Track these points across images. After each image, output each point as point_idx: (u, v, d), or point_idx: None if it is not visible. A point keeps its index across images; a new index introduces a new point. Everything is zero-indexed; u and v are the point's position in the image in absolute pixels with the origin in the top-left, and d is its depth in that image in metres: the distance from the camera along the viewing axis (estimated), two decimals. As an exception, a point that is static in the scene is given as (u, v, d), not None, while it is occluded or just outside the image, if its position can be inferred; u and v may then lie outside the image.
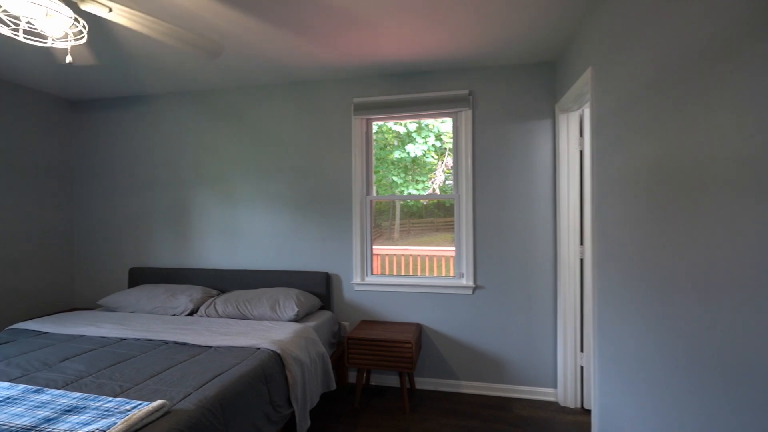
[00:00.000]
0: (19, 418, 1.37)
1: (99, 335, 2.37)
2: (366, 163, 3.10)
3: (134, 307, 2.91)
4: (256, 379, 1.85)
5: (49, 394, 1.54)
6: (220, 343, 2.18)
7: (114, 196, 3.55)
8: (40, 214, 3.35)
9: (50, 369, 1.88)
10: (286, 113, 3.19)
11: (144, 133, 3.48)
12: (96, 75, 2.98)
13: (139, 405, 1.43)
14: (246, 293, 2.88)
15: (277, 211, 3.20)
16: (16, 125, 3.18)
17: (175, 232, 3.41)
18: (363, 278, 3.07)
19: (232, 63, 2.75)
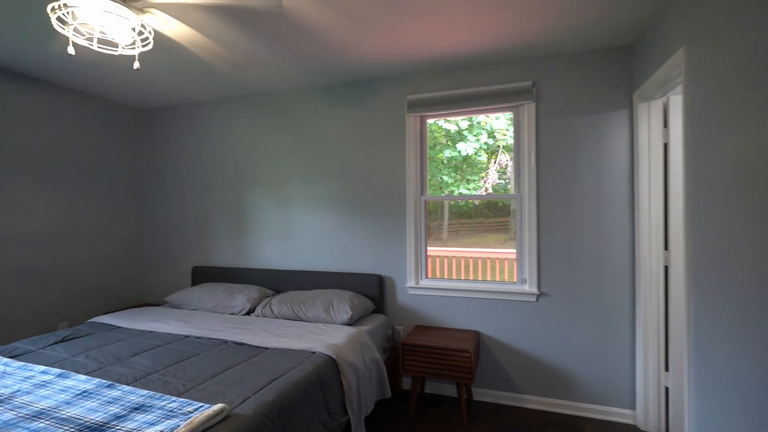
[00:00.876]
0: (93, 413, 1.42)
1: (165, 332, 2.47)
2: (420, 163, 2.99)
3: (196, 304, 3.02)
4: (312, 384, 1.81)
5: (120, 390, 1.59)
6: (276, 345, 2.18)
7: (178, 198, 3.74)
8: (114, 216, 3.60)
9: (122, 363, 1.97)
10: (338, 113, 3.16)
11: (204, 137, 3.63)
12: (160, 84, 3.13)
13: (200, 407, 1.43)
14: (300, 294, 2.88)
15: (330, 212, 3.19)
16: (93, 133, 3.44)
17: (234, 232, 3.52)
18: (417, 282, 2.96)
19: (284, 66, 2.76)
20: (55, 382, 1.68)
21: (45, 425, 1.33)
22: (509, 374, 2.75)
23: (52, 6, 1.36)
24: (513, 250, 3.22)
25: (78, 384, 1.65)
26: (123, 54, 1.61)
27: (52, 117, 3.12)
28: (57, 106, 3.15)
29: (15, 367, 1.84)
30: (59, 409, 1.44)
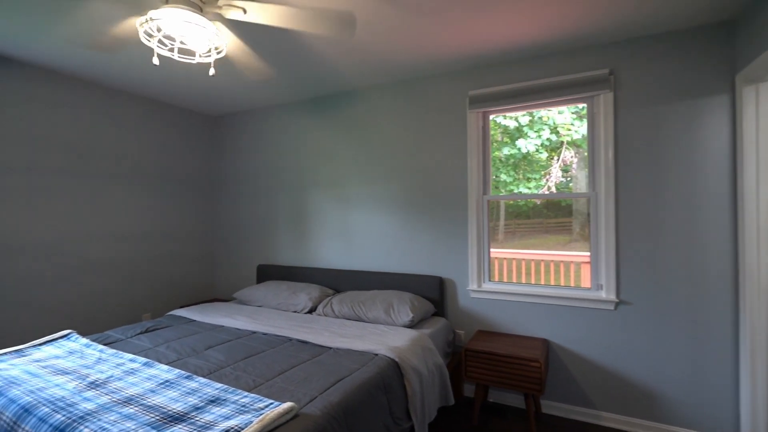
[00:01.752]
0: (175, 402, 1.50)
1: (235, 327, 2.59)
2: (483, 161, 2.87)
3: (262, 301, 3.15)
4: (375, 387, 1.78)
5: (198, 382, 1.67)
6: (338, 345, 2.19)
7: (246, 200, 3.93)
8: (188, 217, 3.88)
9: (198, 356, 2.09)
10: (397, 113, 3.13)
11: (270, 141, 3.78)
12: (230, 91, 3.31)
13: (270, 404, 1.46)
14: (360, 294, 2.88)
15: (389, 213, 3.16)
16: (171, 140, 3.72)
17: (296, 232, 3.63)
18: (480, 284, 2.83)
19: (344, 66, 2.78)
20: (141, 370, 1.81)
21: (134, 411, 1.43)
22: (583, 387, 2.54)
23: (140, 21, 1.46)
24: (576, 253, 2.99)
25: (161, 373, 1.77)
26: (200, 62, 1.69)
27: (136, 126, 3.42)
28: (140, 115, 3.45)
29: (108, 354, 2.02)
30: (145, 397, 1.54)
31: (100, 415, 1.40)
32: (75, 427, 1.33)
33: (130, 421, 1.36)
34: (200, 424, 1.34)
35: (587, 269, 2.98)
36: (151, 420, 1.36)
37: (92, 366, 1.87)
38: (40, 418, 1.41)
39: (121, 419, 1.37)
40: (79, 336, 2.30)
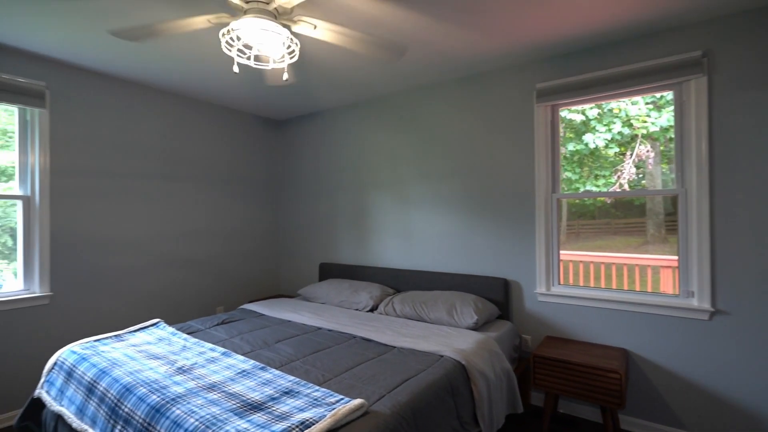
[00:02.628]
0: (252, 391, 1.58)
1: (301, 322, 2.69)
2: (551, 158, 2.71)
3: (325, 299, 3.24)
4: (443, 390, 1.74)
5: (271, 373, 1.75)
6: (402, 344, 2.18)
7: (308, 200, 4.07)
8: (255, 216, 4.10)
9: (269, 348, 2.19)
10: (458, 110, 3.06)
11: (330, 143, 3.88)
12: (293, 96, 3.44)
13: (341, 400, 1.48)
14: (421, 294, 2.86)
15: (450, 212, 3.10)
16: (240, 144, 3.96)
17: (357, 231, 3.69)
18: (548, 288, 2.68)
19: (406, 64, 2.77)
20: (221, 359, 1.94)
21: (218, 397, 1.53)
22: (669, 404, 2.30)
23: (222, 32, 1.56)
24: (653, 256, 2.72)
25: (238, 363, 1.88)
26: (274, 67, 1.78)
27: (211, 132, 3.68)
28: (214, 122, 3.71)
29: (191, 343, 2.19)
30: (226, 384, 1.65)
31: (189, 399, 1.51)
32: (168, 407, 1.45)
33: (215, 406, 1.45)
34: (277, 414, 1.40)
35: (668, 274, 2.71)
36: (233, 407, 1.45)
37: (179, 353, 2.04)
38: (139, 398, 1.56)
39: (207, 404, 1.47)
40: (166, 325, 2.52)
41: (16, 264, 2.64)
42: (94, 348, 2.08)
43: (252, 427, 1.30)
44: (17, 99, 2.52)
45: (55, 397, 1.90)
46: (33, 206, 2.64)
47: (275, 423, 1.33)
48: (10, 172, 2.61)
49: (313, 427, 1.29)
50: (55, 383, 1.96)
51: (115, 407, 1.59)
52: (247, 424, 1.33)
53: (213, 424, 1.33)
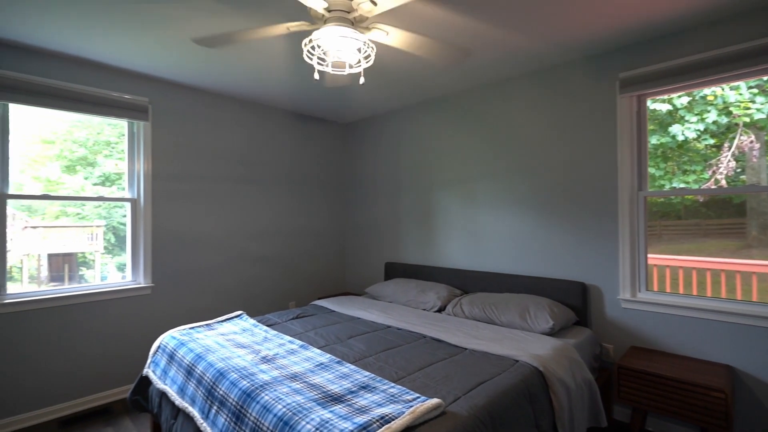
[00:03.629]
0: (331, 384, 1.65)
1: (370, 320, 2.75)
2: (638, 152, 2.50)
3: (391, 298, 3.28)
4: (520, 395, 1.68)
5: (347, 368, 1.82)
6: (474, 346, 2.14)
7: (374, 201, 4.16)
8: (325, 217, 4.28)
9: (342, 343, 2.27)
10: (529, 106, 2.93)
11: (394, 143, 3.93)
12: (359, 99, 3.53)
13: (418, 398, 1.50)
14: (491, 296, 2.79)
15: (521, 211, 2.98)
16: (310, 147, 4.15)
17: (422, 232, 3.69)
18: (634, 294, 2.47)
19: (472, 63, 2.72)
20: (299, 351, 2.05)
21: (300, 387, 1.62)
22: (788, 433, 2.00)
23: (304, 42, 1.66)
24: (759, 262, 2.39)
25: (315, 356, 1.97)
26: (350, 72, 1.85)
27: (283, 137, 3.91)
28: (286, 127, 3.93)
29: (272, 335, 2.34)
30: (307, 375, 1.74)
31: (275, 386, 1.62)
32: (258, 393, 1.57)
33: (299, 395, 1.54)
34: (357, 407, 1.45)
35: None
36: (315, 397, 1.53)
37: (261, 343, 2.19)
38: (232, 382, 1.70)
39: (291, 392, 1.56)
40: (248, 317, 2.72)
41: (118, 258, 3.02)
42: (190, 335, 2.31)
43: (335, 418, 1.36)
44: (126, 114, 2.88)
45: (159, 377, 2.14)
46: (138, 208, 3.00)
47: (356, 415, 1.38)
48: (113, 178, 2.99)
49: (392, 422, 1.31)
50: (159, 364, 2.21)
51: (211, 389, 1.75)
52: (330, 414, 1.39)
53: (299, 411, 1.41)
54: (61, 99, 2.59)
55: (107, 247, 2.99)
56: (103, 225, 2.97)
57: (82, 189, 2.84)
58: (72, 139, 2.80)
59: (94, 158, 2.90)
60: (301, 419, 1.36)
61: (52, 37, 2.35)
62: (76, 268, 2.89)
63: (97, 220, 2.95)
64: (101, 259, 2.98)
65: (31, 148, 2.59)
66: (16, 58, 2.47)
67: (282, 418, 1.40)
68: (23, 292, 2.57)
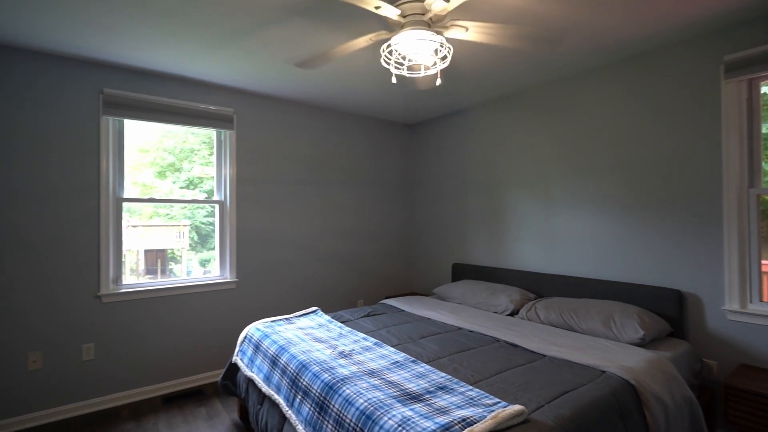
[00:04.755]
0: (408, 382, 1.68)
1: (440, 321, 2.74)
2: (749, 144, 2.20)
3: (460, 299, 3.24)
4: (610, 409, 1.57)
5: (423, 367, 1.83)
6: (554, 353, 2.04)
7: (441, 201, 4.13)
8: (390, 217, 4.34)
9: (414, 343, 2.29)
10: (615, 97, 2.72)
11: (461, 142, 3.87)
12: (428, 99, 3.53)
13: (498, 403, 1.46)
14: (568, 302, 2.63)
15: (603, 212, 2.78)
16: (377, 148, 4.23)
17: (491, 232, 3.59)
18: (744, 305, 2.18)
19: (554, 54, 2.58)
20: (374, 349, 2.11)
21: (379, 383, 1.66)
22: None
23: (381, 48, 1.70)
24: None
25: (390, 354, 2.01)
26: (426, 74, 1.86)
27: (352, 139, 4.04)
28: (355, 130, 4.05)
29: (346, 331, 2.43)
30: (384, 373, 1.78)
31: (354, 381, 1.68)
32: (339, 386, 1.65)
33: (378, 391, 1.58)
34: (436, 407, 1.45)
35: None
36: (394, 394, 1.56)
37: (337, 339, 2.29)
38: (314, 374, 1.80)
39: (370, 388, 1.61)
40: (323, 313, 2.86)
41: (200, 254, 3.32)
42: (272, 327, 2.48)
43: (416, 416, 1.38)
44: (215, 123, 3.17)
45: (247, 364, 2.33)
46: (225, 209, 3.28)
47: (436, 415, 1.38)
48: (196, 182, 3.28)
49: (474, 426, 1.30)
50: (246, 353, 2.40)
51: (295, 379, 1.87)
52: (411, 412, 1.41)
53: (380, 407, 1.45)
54: (163, 113, 2.93)
55: (191, 245, 3.32)
56: (188, 224, 3.29)
57: (171, 192, 3.16)
58: (162, 148, 3.14)
59: (180, 164, 3.23)
60: (383, 414, 1.40)
61: (158, 60, 2.66)
62: (166, 263, 3.24)
63: (183, 220, 3.28)
64: (187, 255, 3.31)
65: (130, 157, 2.95)
66: (129, 79, 2.83)
67: (364, 412, 1.45)
68: (134, 282, 2.94)
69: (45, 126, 2.56)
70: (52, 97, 2.58)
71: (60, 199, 2.61)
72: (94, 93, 2.72)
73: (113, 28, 2.21)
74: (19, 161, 2.48)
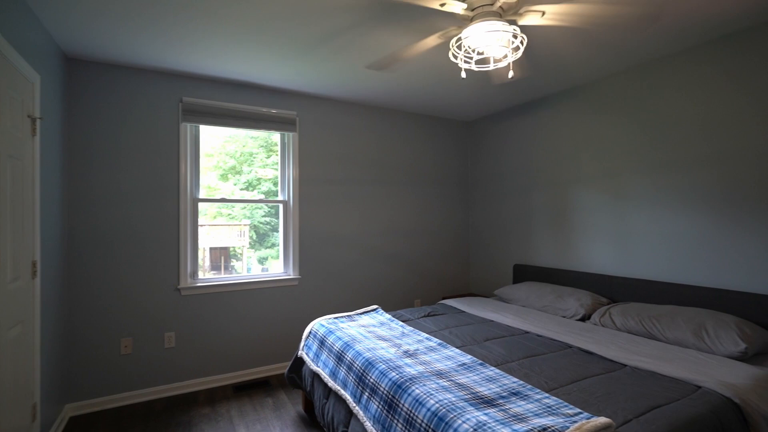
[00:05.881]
0: (478, 385, 1.62)
1: (504, 323, 2.64)
2: None
3: (524, 302, 3.10)
4: (711, 429, 1.41)
5: (492, 371, 1.77)
6: (636, 363, 1.88)
7: (500, 200, 3.99)
8: (447, 216, 4.26)
9: (479, 345, 2.22)
10: (703, 83, 2.45)
11: (523, 138, 3.70)
12: (490, 95, 3.41)
13: (580, 414, 1.37)
14: (649, 308, 2.42)
15: (687, 209, 2.52)
16: (435, 147, 4.18)
17: (556, 232, 3.41)
18: None
19: (644, 35, 2.38)
20: (438, 349, 2.07)
21: (448, 385, 1.63)
22: None
23: (451, 43, 1.67)
24: None
25: (456, 356, 1.97)
26: (497, 67, 1.80)
27: (411, 138, 4.02)
28: (413, 129, 4.03)
29: (408, 330, 2.42)
30: (452, 374, 1.74)
31: (423, 381, 1.66)
32: (408, 385, 1.64)
33: (448, 393, 1.55)
34: (512, 413, 1.39)
35: None
36: (466, 396, 1.52)
37: (400, 338, 2.28)
38: (381, 372, 1.80)
39: (440, 389, 1.58)
40: (383, 311, 2.87)
41: (259, 252, 3.46)
42: (336, 324, 2.54)
43: (491, 421, 1.33)
44: (280, 127, 3.30)
45: (312, 359, 2.40)
46: (288, 209, 3.41)
47: (513, 422, 1.32)
48: (255, 183, 3.43)
49: (556, 436, 1.23)
50: (311, 348, 2.47)
51: (361, 376, 1.89)
52: (485, 416, 1.36)
53: (452, 410, 1.42)
54: (234, 118, 3.10)
55: (251, 243, 3.48)
56: (248, 224, 3.45)
57: (232, 193, 3.34)
58: (225, 152, 3.32)
59: (240, 167, 3.39)
60: (456, 417, 1.37)
61: (234, 70, 2.83)
62: (229, 260, 3.42)
63: (243, 219, 3.45)
64: (246, 253, 3.47)
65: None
66: (204, 87, 3.04)
67: (436, 414, 1.43)
68: (207, 277, 3.15)
69: (132, 133, 2.82)
70: (140, 107, 2.84)
71: (146, 200, 2.86)
72: (174, 102, 2.95)
73: (198, 44, 2.39)
74: (113, 166, 2.76)
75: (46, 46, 2.23)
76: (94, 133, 2.72)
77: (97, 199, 2.72)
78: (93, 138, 2.71)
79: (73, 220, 2.65)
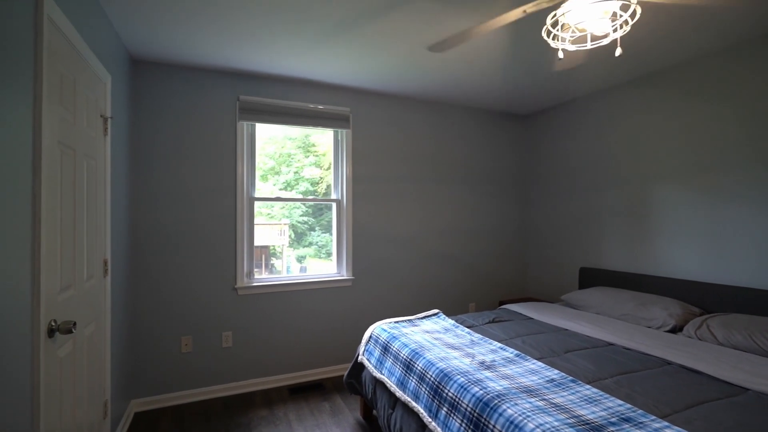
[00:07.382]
0: (579, 408, 1.43)
1: (582, 333, 2.41)
2: None
3: (598, 309, 2.83)
4: None
5: (589, 390, 1.57)
6: (762, 388, 1.61)
7: (562, 198, 3.71)
8: (505, 216, 4.03)
9: (560, 358, 2.01)
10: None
11: (588, 133, 3.41)
12: (554, 83, 3.16)
13: (719, 450, 1.15)
14: (759, 320, 2.11)
15: (807, 209, 2.17)
16: (487, 143, 3.96)
17: (630, 233, 3.10)
18: None
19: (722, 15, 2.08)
20: (518, 361, 1.89)
21: (543, 405, 1.45)
22: None
23: (549, 19, 1.48)
24: None
25: (540, 370, 1.78)
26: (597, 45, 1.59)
27: (465, 133, 3.82)
28: (467, 124, 3.83)
29: (477, 338, 2.25)
30: (543, 392, 1.56)
31: (513, 399, 1.49)
32: (497, 404, 1.47)
33: (547, 415, 1.37)
34: (631, 446, 1.19)
35: None
36: (569, 421, 1.33)
37: (470, 346, 2.11)
38: (461, 386, 1.65)
39: (536, 410, 1.40)
40: (445, 316, 2.71)
41: (297, 251, 3.37)
42: (398, 329, 2.40)
43: (611, 455, 1.14)
44: (333, 123, 3.22)
45: (375, 365, 2.28)
46: (342, 208, 3.32)
47: (638, 457, 1.13)
48: (293, 184, 3.34)
49: (700, 479, 1.02)
50: (373, 353, 2.35)
51: (437, 389, 1.74)
52: (601, 448, 1.18)
53: (558, 436, 1.24)
54: (289, 116, 3.05)
55: (289, 242, 3.41)
56: (287, 223, 3.38)
57: (271, 193, 3.27)
58: (264, 153, 3.27)
59: (279, 168, 3.33)
60: (566, 447, 1.19)
61: (289, 66, 2.77)
62: (269, 259, 3.37)
63: (282, 219, 3.38)
64: (286, 252, 3.41)
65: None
66: (259, 85, 3.00)
67: (539, 440, 1.25)
68: (263, 277, 3.12)
69: (193, 132, 2.83)
70: (200, 106, 2.84)
71: (206, 199, 2.86)
72: (232, 100, 2.93)
73: (255, 39, 2.33)
74: (174, 166, 2.77)
75: (116, 47, 2.25)
76: (156, 133, 2.74)
77: (160, 197, 2.74)
78: (156, 137, 2.74)
79: (137, 219, 2.69)
